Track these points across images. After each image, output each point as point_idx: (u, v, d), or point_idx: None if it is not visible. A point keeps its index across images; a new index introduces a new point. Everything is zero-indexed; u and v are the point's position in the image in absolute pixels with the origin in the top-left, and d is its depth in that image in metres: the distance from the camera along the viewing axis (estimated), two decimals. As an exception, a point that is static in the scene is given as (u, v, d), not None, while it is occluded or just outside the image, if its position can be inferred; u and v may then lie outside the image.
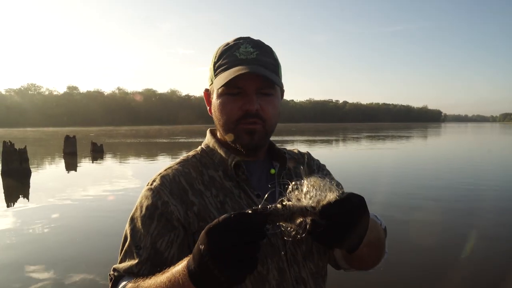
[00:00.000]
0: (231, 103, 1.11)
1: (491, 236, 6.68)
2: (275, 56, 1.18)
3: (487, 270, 5.21)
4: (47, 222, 7.77)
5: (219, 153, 1.19)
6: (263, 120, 1.12)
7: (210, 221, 0.99)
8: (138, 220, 1.10)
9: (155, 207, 1.09)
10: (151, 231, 1.07)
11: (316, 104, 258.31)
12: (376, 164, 18.25)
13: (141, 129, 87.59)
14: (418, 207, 8.93)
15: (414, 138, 44.36)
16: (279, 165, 1.22)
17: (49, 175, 15.94)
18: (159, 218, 1.08)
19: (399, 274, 4.98)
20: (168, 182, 1.12)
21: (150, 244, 1.06)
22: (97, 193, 10.94)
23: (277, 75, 1.15)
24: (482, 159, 20.70)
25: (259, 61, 1.11)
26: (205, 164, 1.19)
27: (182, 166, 1.17)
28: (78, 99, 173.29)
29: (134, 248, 1.07)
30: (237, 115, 1.10)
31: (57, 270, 5.26)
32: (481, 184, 11.98)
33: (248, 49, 1.12)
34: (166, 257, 1.06)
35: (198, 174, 1.16)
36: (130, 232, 1.10)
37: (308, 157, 1.36)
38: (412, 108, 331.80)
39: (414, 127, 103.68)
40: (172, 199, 1.09)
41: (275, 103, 1.15)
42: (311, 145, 31.42)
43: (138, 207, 1.12)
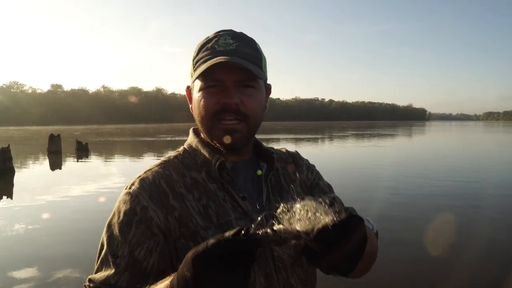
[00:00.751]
0: (209, 97, 1.05)
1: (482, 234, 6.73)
2: (258, 48, 1.11)
3: (484, 269, 5.24)
4: (31, 221, 7.72)
5: (203, 153, 1.12)
6: (245, 116, 1.05)
7: (192, 227, 1.01)
8: (115, 226, 1.02)
9: (134, 213, 1.01)
10: (129, 238, 1.00)
11: (302, 102, 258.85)
12: (364, 163, 18.44)
13: (126, 128, 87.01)
14: (408, 205, 9.06)
15: (401, 137, 44.83)
16: (267, 166, 1.16)
17: (33, 174, 15.79)
18: (137, 225, 1.01)
19: (393, 274, 5.06)
20: (147, 185, 1.05)
21: (128, 253, 0.99)
22: (82, 192, 10.89)
23: (259, 67, 1.08)
24: (469, 156, 21.04)
25: (238, 52, 1.04)
26: (187, 165, 1.12)
27: (162, 168, 1.10)
28: (62, 97, 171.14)
29: (111, 257, 1.00)
30: (213, 109, 1.04)
31: (41, 269, 5.24)
32: (464, 181, 12.20)
33: (227, 40, 1.06)
34: (145, 266, 1.00)
35: (179, 177, 1.09)
36: (106, 239, 1.03)
37: (297, 157, 1.30)
38: (398, 106, 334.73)
39: (399, 125, 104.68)
40: (152, 204, 1.02)
41: (258, 97, 1.08)
42: (297, 143, 31.59)
43: (116, 212, 1.05)
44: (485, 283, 4.85)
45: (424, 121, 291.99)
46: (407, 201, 9.49)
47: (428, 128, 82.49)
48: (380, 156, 21.90)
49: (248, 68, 1.01)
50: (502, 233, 6.87)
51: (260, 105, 1.10)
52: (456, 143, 34.89)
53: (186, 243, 1.00)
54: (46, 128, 77.63)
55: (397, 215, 8.04)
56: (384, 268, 5.04)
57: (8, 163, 14.17)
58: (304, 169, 1.27)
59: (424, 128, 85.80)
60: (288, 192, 1.16)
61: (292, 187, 1.17)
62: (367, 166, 16.65)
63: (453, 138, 44.47)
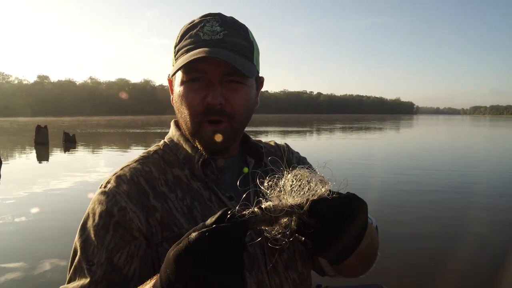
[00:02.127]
0: (191, 93, 0.94)
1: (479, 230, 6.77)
2: (250, 37, 0.99)
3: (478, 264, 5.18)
4: (18, 213, 7.69)
5: (185, 148, 1.02)
6: (230, 117, 0.94)
7: (175, 230, 0.91)
8: (90, 230, 0.91)
9: (111, 215, 0.91)
10: (106, 243, 0.89)
11: (290, 95, 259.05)
12: (352, 156, 18.65)
13: (114, 119, 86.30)
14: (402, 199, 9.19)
15: (389, 130, 45.16)
16: (254, 161, 1.08)
17: (20, 165, 15.64)
18: (115, 228, 0.90)
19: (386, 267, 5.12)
20: (125, 183, 0.95)
21: (105, 259, 0.88)
22: (69, 183, 10.84)
23: (248, 60, 0.96)
24: (456, 149, 21.34)
25: (225, 43, 0.93)
26: (169, 161, 1.02)
27: (141, 164, 1.00)
28: (49, 89, 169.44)
29: (86, 264, 0.89)
30: (197, 110, 0.94)
31: (28, 261, 5.20)
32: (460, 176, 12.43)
33: (214, 28, 0.93)
34: (126, 274, 0.89)
35: (160, 174, 0.99)
36: (80, 245, 0.91)
37: (287, 150, 1.22)
38: (386, 100, 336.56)
39: (387, 119, 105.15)
40: (131, 204, 0.92)
41: (246, 94, 0.97)
42: (286, 136, 31.74)
43: (90, 214, 0.94)
44: (479, 275, 4.85)
45: (412, 114, 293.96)
46: (397, 194, 9.54)
47: (416, 122, 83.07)
48: (368, 149, 22.10)
49: (235, 66, 0.89)
50: (494, 225, 6.92)
51: (247, 102, 0.98)
52: (444, 137, 35.29)
53: (169, 248, 0.85)
54: (33, 119, 76.70)
55: (388, 209, 8.14)
56: (393, 260, 5.08)
57: (-6, 154, 14.13)
58: (295, 163, 1.17)
59: (412, 121, 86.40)
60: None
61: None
62: (355, 159, 16.87)
63: (441, 132, 44.92)
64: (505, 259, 5.03)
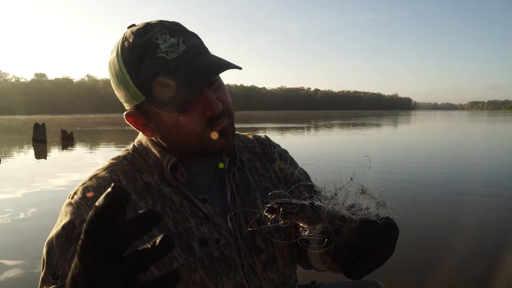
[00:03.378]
0: (187, 118, 0.88)
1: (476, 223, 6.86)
2: (191, 31, 0.92)
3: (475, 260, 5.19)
4: (16, 211, 7.73)
5: (153, 152, 0.97)
6: (228, 112, 0.93)
7: (146, 238, 0.77)
8: (54, 241, 0.89)
9: (73, 227, 0.88)
10: (69, 256, 0.86)
11: (287, 91, 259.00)
12: (350, 151, 18.72)
13: (111, 117, 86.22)
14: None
15: (387, 126, 45.25)
16: (229, 160, 1.02)
17: (18, 163, 15.72)
18: (77, 240, 0.81)
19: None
20: (91, 194, 0.92)
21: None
22: (67, 181, 10.88)
23: (209, 51, 0.92)
24: (454, 144, 21.43)
25: (193, 51, 0.86)
26: (138, 167, 0.98)
27: (109, 172, 0.96)
28: (46, 87, 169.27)
29: (51, 277, 0.86)
30: (201, 126, 0.89)
31: (26, 259, 5.21)
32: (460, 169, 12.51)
33: (168, 41, 0.84)
34: None
35: (129, 181, 0.95)
36: (46, 256, 0.89)
37: (267, 144, 1.16)
38: (383, 96, 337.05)
39: (385, 114, 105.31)
40: None
41: (224, 87, 0.95)
42: (283, 133, 31.80)
43: (57, 225, 0.91)
44: (473, 271, 4.85)
45: (409, 110, 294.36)
46: (398, 189, 9.71)
47: (414, 118, 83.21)
48: (366, 145, 22.19)
49: (232, 66, 0.87)
50: (490, 220, 6.94)
51: (227, 92, 0.96)
52: (444, 132, 35.42)
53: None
54: (30, 117, 76.63)
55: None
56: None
57: (-7, 152, 14.15)
58: (276, 157, 1.14)
59: (409, 117, 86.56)
60: (256, 189, 1.04)
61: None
62: (351, 155, 16.95)
63: (440, 127, 45.05)
64: (501, 256, 5.06)
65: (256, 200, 1.02)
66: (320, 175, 0.80)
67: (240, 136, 1.14)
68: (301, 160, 1.20)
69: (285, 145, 1.25)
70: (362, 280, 2.60)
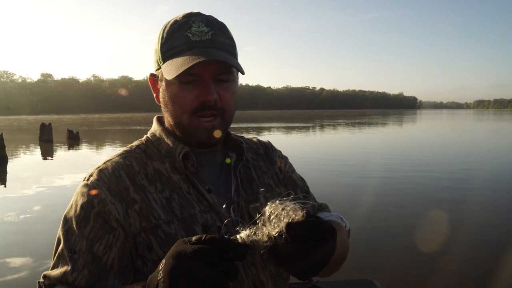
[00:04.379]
0: (185, 93, 0.97)
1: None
2: (230, 34, 1.03)
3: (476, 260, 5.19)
4: (24, 209, 7.80)
5: (167, 142, 1.06)
6: (222, 111, 1.00)
7: (153, 221, 0.96)
8: (72, 220, 0.96)
9: (91, 206, 0.95)
10: (87, 233, 0.94)
11: (293, 91, 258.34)
12: (355, 151, 18.74)
13: (116, 117, 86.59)
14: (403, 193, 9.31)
15: (393, 125, 45.12)
16: (236, 156, 1.11)
17: (25, 162, 15.93)
18: (95, 219, 0.95)
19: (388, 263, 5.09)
20: (106, 177, 0.99)
21: (86, 248, 0.93)
22: (74, 180, 11.00)
23: (235, 57, 1.02)
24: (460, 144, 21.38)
25: (215, 43, 0.96)
26: (150, 155, 1.06)
27: (123, 158, 1.04)
28: (52, 87, 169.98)
29: (68, 253, 0.94)
30: (192, 106, 0.98)
31: (34, 257, 5.24)
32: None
33: (201, 28, 0.97)
34: (105, 262, 0.94)
35: (141, 167, 1.03)
36: (63, 234, 0.96)
37: (269, 148, 1.25)
38: (388, 95, 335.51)
39: (390, 113, 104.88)
40: (110, 197, 0.96)
41: (234, 90, 1.03)
42: (287, 132, 31.83)
43: (73, 205, 0.98)
44: (476, 271, 4.85)
45: (415, 109, 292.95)
46: (399, 189, 9.69)
47: (419, 117, 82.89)
48: (363, 145, 22.21)
49: (232, 64, 0.95)
50: (490, 220, 6.96)
51: (235, 96, 1.04)
52: (450, 131, 35.30)
53: (146, 238, 0.95)
54: (37, 117, 77.04)
55: (390, 202, 8.21)
56: (384, 255, 5.25)
57: (1, 151, 14.30)
58: (277, 160, 1.23)
59: (415, 116, 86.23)
60: (259, 185, 1.12)
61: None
62: (356, 154, 16.98)
63: (446, 126, 44.86)
64: (500, 256, 5.07)
65: (259, 194, 1.10)
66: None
67: (246, 139, 1.22)
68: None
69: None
70: (358, 279, 2.64)
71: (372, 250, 5.41)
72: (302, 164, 11.61)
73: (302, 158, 13.88)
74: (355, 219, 6.25)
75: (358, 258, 4.89)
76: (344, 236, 1.11)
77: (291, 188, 1.20)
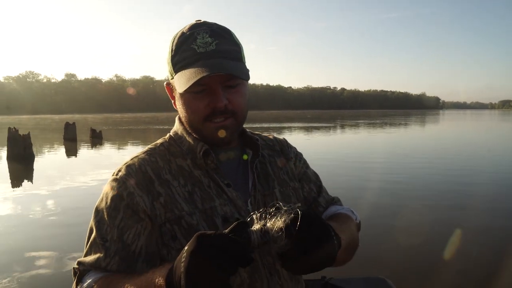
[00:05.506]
0: (197, 101, 1.06)
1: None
2: (236, 39, 1.10)
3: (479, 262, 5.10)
4: (49, 205, 7.97)
5: (188, 140, 1.14)
6: (233, 113, 1.07)
7: (177, 212, 1.04)
8: (104, 211, 1.05)
9: (121, 198, 1.04)
10: (117, 223, 1.03)
11: (313, 91, 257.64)
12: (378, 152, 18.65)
13: (138, 116, 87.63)
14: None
15: (420, 128, 44.55)
16: (252, 153, 1.18)
17: (50, 160, 16.35)
18: (124, 210, 1.04)
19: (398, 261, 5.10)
20: (134, 172, 1.08)
21: (117, 237, 1.02)
22: (97, 177, 11.19)
23: (241, 62, 1.09)
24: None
25: (219, 52, 1.04)
26: (173, 152, 1.15)
27: (149, 155, 1.14)
28: (76, 87, 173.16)
29: (101, 241, 1.03)
30: (204, 113, 1.06)
31: (57, 251, 5.31)
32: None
33: (206, 39, 1.04)
34: (134, 250, 1.02)
35: (165, 163, 1.12)
36: (95, 224, 1.06)
37: (285, 145, 1.32)
38: (410, 95, 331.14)
39: (413, 114, 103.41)
40: (138, 190, 1.05)
41: (243, 92, 1.10)
42: (308, 132, 31.80)
43: (104, 198, 1.07)
44: (480, 268, 4.85)
45: (437, 110, 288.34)
46: (417, 190, 9.66)
47: (443, 117, 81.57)
48: (380, 145, 22.04)
49: (235, 74, 1.01)
50: (501, 217, 6.95)
51: (245, 99, 1.11)
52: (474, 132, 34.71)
53: (171, 228, 1.03)
54: (61, 116, 78.51)
55: (392, 203, 8.23)
56: (389, 255, 5.23)
57: (28, 149, 14.71)
58: (292, 157, 1.30)
59: (438, 116, 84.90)
60: (274, 180, 1.20)
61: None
62: (379, 155, 16.91)
63: (469, 127, 44.11)
64: (508, 254, 5.05)
65: (274, 189, 1.18)
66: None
67: (262, 136, 1.30)
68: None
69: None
70: (371, 276, 2.69)
71: (387, 248, 5.43)
72: (333, 162, 11.67)
73: (328, 157, 13.91)
74: (376, 217, 6.34)
75: (373, 255, 4.94)
76: (353, 227, 1.17)
77: (305, 182, 1.28)
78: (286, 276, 1.12)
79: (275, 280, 1.09)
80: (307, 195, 1.28)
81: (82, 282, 1.02)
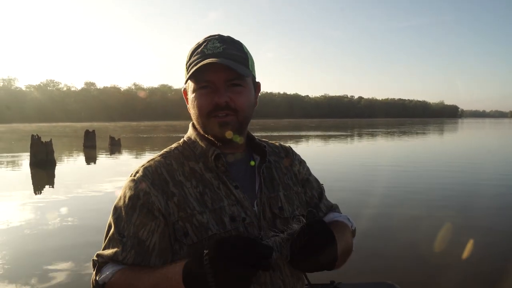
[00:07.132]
0: (202, 97, 1.16)
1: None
2: (245, 49, 1.21)
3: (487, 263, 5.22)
4: (70, 211, 8.08)
5: (200, 145, 1.23)
6: (234, 111, 1.16)
7: (189, 211, 1.14)
8: (121, 209, 1.14)
9: (137, 198, 1.13)
10: (134, 220, 1.12)
11: (331, 99, 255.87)
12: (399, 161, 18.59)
13: (155, 124, 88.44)
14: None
15: (442, 135, 44.15)
16: (260, 158, 1.27)
17: (71, 166, 16.81)
18: (140, 208, 1.12)
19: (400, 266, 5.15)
20: (150, 173, 1.17)
21: (133, 233, 1.11)
22: (116, 184, 11.37)
23: (245, 67, 1.17)
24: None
25: (225, 54, 1.14)
26: (186, 156, 1.23)
27: (164, 158, 1.22)
28: (95, 95, 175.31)
29: (118, 236, 1.12)
30: (207, 109, 1.15)
31: (75, 259, 5.38)
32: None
33: (215, 44, 1.15)
34: (148, 245, 1.11)
35: (179, 166, 1.20)
36: (114, 221, 1.15)
37: (289, 151, 1.42)
38: (428, 103, 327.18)
39: (431, 123, 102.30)
40: (154, 190, 1.13)
41: (246, 94, 1.18)
42: (325, 140, 31.76)
43: (122, 197, 1.17)
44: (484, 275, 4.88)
45: (456, 118, 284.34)
46: (427, 194, 9.67)
47: (461, 126, 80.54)
48: (390, 154, 21.92)
49: (233, 67, 1.11)
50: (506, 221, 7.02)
51: (248, 101, 1.20)
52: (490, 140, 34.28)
53: (183, 225, 1.13)
54: (81, 124, 79.75)
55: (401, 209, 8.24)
56: (394, 254, 5.34)
57: (50, 156, 15.15)
58: (297, 163, 1.40)
59: (457, 125, 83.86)
60: (279, 184, 1.30)
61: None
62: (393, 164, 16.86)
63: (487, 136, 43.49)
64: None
65: (279, 192, 1.27)
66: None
67: (269, 143, 1.39)
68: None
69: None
70: (379, 282, 2.77)
71: (395, 254, 5.50)
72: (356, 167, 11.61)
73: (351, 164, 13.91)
74: (383, 223, 6.36)
75: (381, 261, 5.02)
76: (348, 234, 1.28)
77: (308, 188, 1.39)
78: (288, 272, 1.19)
79: (277, 275, 1.17)
80: (309, 200, 1.37)
81: (101, 273, 1.11)
